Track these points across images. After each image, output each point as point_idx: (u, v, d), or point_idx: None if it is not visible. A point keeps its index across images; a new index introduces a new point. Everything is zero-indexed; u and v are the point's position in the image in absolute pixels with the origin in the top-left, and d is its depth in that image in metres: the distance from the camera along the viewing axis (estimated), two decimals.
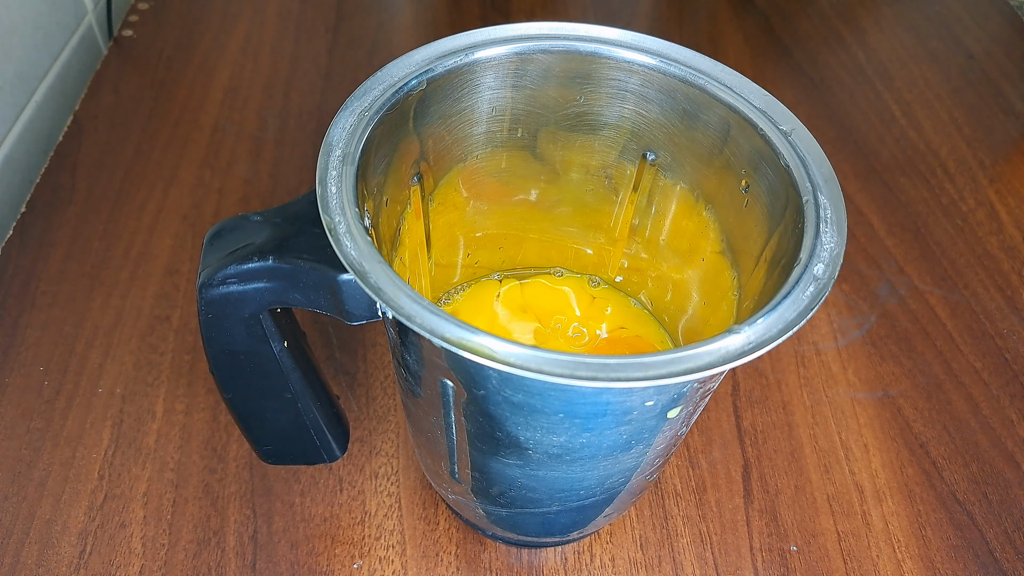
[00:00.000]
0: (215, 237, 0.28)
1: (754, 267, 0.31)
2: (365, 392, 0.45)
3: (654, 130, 0.34)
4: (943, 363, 0.49)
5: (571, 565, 0.39)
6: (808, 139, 0.29)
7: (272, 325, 0.29)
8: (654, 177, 0.35)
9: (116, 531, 0.39)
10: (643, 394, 0.25)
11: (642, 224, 0.38)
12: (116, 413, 0.44)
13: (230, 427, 0.43)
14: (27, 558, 0.38)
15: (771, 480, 0.43)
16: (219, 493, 0.41)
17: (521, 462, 0.29)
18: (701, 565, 0.40)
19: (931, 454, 0.44)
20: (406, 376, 0.30)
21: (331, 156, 0.27)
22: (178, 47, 0.69)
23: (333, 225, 0.25)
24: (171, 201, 0.55)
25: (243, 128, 0.61)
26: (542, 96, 0.33)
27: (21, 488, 0.41)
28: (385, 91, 0.29)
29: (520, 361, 0.22)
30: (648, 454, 0.30)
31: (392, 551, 0.39)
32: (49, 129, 0.63)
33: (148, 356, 0.46)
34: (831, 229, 0.26)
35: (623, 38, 0.32)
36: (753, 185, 0.31)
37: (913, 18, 0.76)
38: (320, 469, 0.42)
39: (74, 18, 0.67)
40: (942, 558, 0.40)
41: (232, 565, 0.38)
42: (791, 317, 0.24)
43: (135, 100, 0.63)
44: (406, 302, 0.23)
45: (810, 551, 0.40)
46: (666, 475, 0.43)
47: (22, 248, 0.52)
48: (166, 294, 0.50)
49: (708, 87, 0.31)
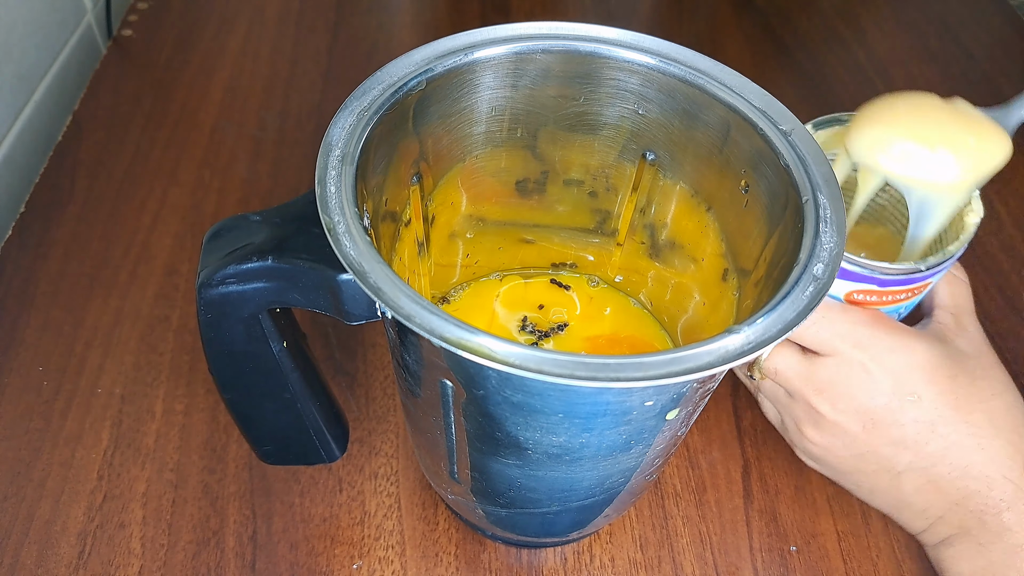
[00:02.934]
0: (214, 237, 0.28)
1: (754, 267, 0.31)
2: (365, 392, 0.45)
3: (654, 130, 0.34)
4: None
5: (571, 565, 0.39)
6: (808, 139, 0.29)
7: (271, 325, 0.29)
8: (654, 177, 0.35)
9: (115, 531, 0.39)
10: (642, 394, 0.25)
11: (642, 224, 0.38)
12: (115, 413, 0.44)
13: (229, 427, 0.43)
14: (26, 558, 0.38)
15: (771, 480, 0.43)
16: (218, 493, 0.41)
17: (521, 462, 0.29)
18: (701, 565, 0.40)
19: None
20: (406, 376, 0.30)
21: (331, 156, 0.27)
22: (178, 47, 0.69)
23: (332, 225, 0.25)
24: (171, 201, 0.55)
25: (243, 128, 0.61)
26: (542, 96, 0.33)
27: (20, 488, 0.41)
28: (385, 91, 0.29)
29: (519, 361, 0.22)
30: (648, 454, 0.30)
31: (392, 551, 0.39)
32: (48, 129, 0.63)
33: (147, 356, 0.46)
34: (831, 229, 0.26)
35: (623, 38, 0.32)
36: (753, 185, 0.31)
37: (913, 18, 0.76)
38: (320, 469, 0.42)
39: (73, 18, 0.67)
40: None
41: (232, 565, 0.38)
42: (791, 317, 0.24)
43: (135, 100, 0.63)
44: (405, 302, 0.23)
45: (810, 551, 0.40)
46: (666, 475, 0.43)
47: (22, 248, 0.52)
48: (166, 294, 0.49)
49: (708, 87, 0.31)
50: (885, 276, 0.34)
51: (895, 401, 0.34)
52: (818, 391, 0.35)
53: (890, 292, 0.35)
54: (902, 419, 0.34)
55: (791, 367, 0.36)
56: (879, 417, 0.34)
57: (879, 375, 0.34)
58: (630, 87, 0.32)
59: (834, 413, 0.35)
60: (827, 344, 0.34)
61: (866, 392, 0.34)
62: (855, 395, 0.34)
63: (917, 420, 0.34)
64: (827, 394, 0.35)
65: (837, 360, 0.34)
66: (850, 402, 0.34)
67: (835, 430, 0.35)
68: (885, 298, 0.35)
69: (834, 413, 0.35)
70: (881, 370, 0.34)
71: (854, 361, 0.34)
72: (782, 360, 0.36)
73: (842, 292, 0.35)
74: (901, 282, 0.34)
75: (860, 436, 0.35)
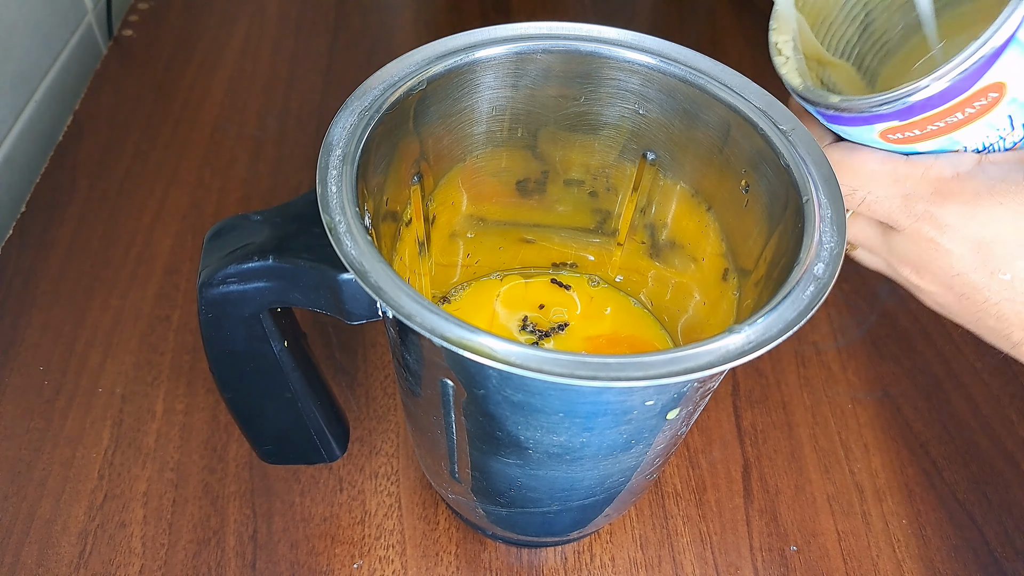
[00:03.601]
0: (215, 237, 0.28)
1: (754, 267, 0.31)
2: (365, 392, 0.45)
3: (654, 130, 0.34)
4: (943, 363, 0.49)
5: (571, 565, 0.39)
6: (808, 139, 0.29)
7: (272, 325, 0.29)
8: (654, 177, 0.35)
9: (116, 531, 0.39)
10: (643, 394, 0.25)
11: (642, 224, 0.38)
12: (116, 413, 0.44)
13: (230, 427, 0.43)
14: (27, 558, 0.38)
15: (771, 480, 0.43)
16: (219, 493, 0.41)
17: (521, 462, 0.29)
18: (701, 565, 0.40)
19: (931, 454, 0.44)
20: (406, 376, 0.30)
21: (331, 156, 0.27)
22: (178, 47, 0.69)
23: (333, 224, 0.25)
24: (171, 201, 0.55)
25: (243, 128, 0.61)
26: (542, 96, 0.33)
27: (21, 488, 0.41)
28: (385, 91, 0.29)
29: (520, 360, 0.22)
30: (648, 454, 0.30)
31: (392, 551, 0.39)
32: (49, 129, 0.63)
33: (148, 356, 0.46)
34: (831, 229, 0.26)
35: (623, 38, 0.32)
36: (753, 185, 0.31)
37: None
38: (320, 469, 0.42)
39: (74, 18, 0.67)
40: (942, 558, 0.40)
41: (232, 565, 0.38)
42: (791, 317, 0.24)
43: (135, 100, 0.63)
44: (406, 301, 0.23)
45: (810, 551, 0.40)
46: (666, 475, 0.43)
47: (22, 248, 0.52)
48: (166, 294, 0.50)
49: (708, 87, 0.31)
50: (895, 101, 0.27)
51: (982, 277, 0.29)
52: (901, 262, 0.31)
53: (921, 121, 0.27)
54: (994, 297, 0.29)
55: (869, 239, 0.32)
56: (968, 293, 0.30)
57: (955, 249, 0.29)
58: (630, 87, 0.33)
59: (924, 283, 0.31)
60: (889, 218, 0.30)
61: (945, 267, 0.30)
62: (935, 271, 0.30)
63: (1013, 300, 0.29)
64: (911, 266, 0.31)
65: (906, 236, 0.30)
66: (934, 276, 0.30)
67: (934, 297, 0.31)
68: (920, 130, 0.28)
69: (924, 283, 0.31)
70: (955, 243, 0.29)
71: (921, 236, 0.29)
72: (860, 231, 0.32)
73: (875, 137, 0.29)
74: (930, 103, 0.26)
75: (960, 307, 0.31)
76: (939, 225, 0.29)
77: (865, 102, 0.27)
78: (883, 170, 0.29)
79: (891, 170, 0.29)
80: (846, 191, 0.29)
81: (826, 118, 0.30)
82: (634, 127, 0.34)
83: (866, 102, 0.27)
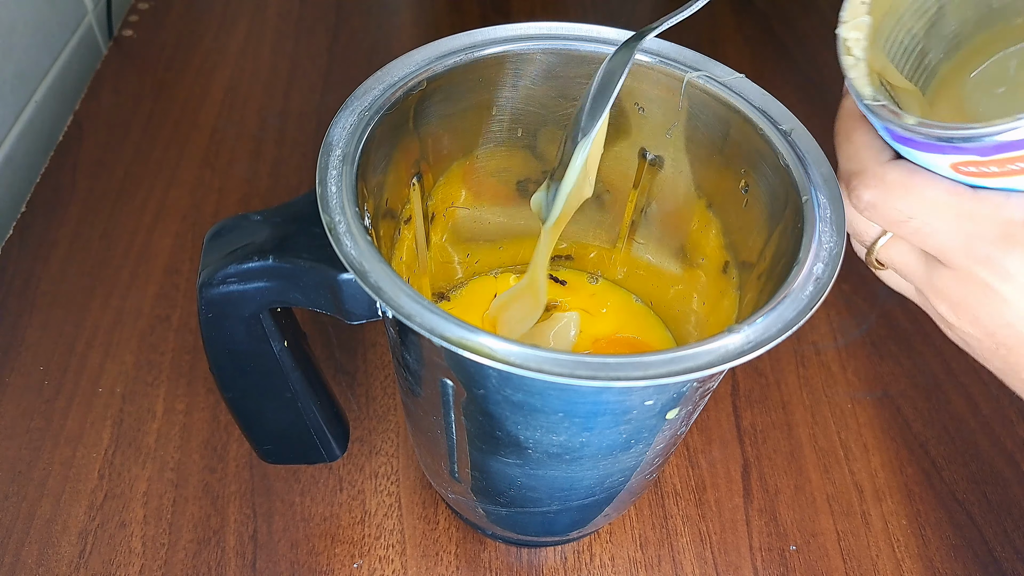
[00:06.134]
0: (215, 237, 0.29)
1: (754, 266, 0.31)
2: (365, 392, 0.45)
3: (654, 130, 0.34)
4: (943, 363, 0.49)
5: (571, 564, 0.39)
6: (808, 139, 0.29)
7: (272, 325, 0.29)
8: (654, 176, 0.35)
9: (116, 530, 0.39)
10: (642, 393, 0.25)
11: (642, 223, 0.38)
12: (116, 413, 0.44)
13: (230, 427, 0.43)
14: (27, 557, 0.38)
15: (771, 480, 0.43)
16: (219, 493, 0.41)
17: (521, 461, 0.29)
18: (701, 564, 0.40)
19: (931, 454, 0.44)
20: (406, 375, 0.30)
21: (331, 156, 0.27)
22: (178, 47, 0.69)
23: (333, 224, 0.25)
24: (171, 201, 0.55)
25: (243, 128, 0.61)
26: (542, 96, 0.34)
27: (21, 488, 0.41)
28: (385, 91, 0.29)
29: (520, 360, 0.22)
30: (648, 453, 0.30)
31: (392, 550, 0.39)
32: (49, 129, 0.63)
33: (148, 356, 0.46)
34: (831, 229, 0.26)
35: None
36: (753, 185, 0.31)
37: None
38: (320, 469, 0.42)
39: (74, 18, 0.67)
40: (941, 557, 0.40)
41: (232, 564, 0.39)
42: (791, 316, 0.24)
43: (135, 100, 0.63)
44: (406, 301, 0.23)
45: (810, 550, 0.40)
46: (666, 475, 0.43)
47: (22, 248, 0.52)
48: (166, 294, 0.50)
49: (708, 87, 0.31)
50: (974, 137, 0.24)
51: None
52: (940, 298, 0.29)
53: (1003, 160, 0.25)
54: None
55: (908, 266, 0.29)
56: (1014, 346, 0.28)
57: (1015, 300, 0.27)
58: (630, 87, 0.33)
59: (961, 324, 0.29)
60: (941, 254, 0.27)
61: (994, 315, 0.27)
62: (979, 315, 0.28)
63: None
64: (950, 304, 0.29)
65: (956, 274, 0.28)
66: (977, 320, 0.28)
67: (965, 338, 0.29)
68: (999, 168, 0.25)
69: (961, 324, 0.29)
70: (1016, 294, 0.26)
71: (976, 279, 0.27)
72: (899, 255, 0.29)
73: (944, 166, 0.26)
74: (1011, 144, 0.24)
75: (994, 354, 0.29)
76: (1000, 272, 0.26)
77: (947, 132, 0.25)
78: (948, 202, 0.26)
79: (956, 203, 0.26)
80: (899, 216, 0.27)
81: (893, 136, 0.27)
82: (634, 127, 0.34)
83: (948, 132, 0.25)
